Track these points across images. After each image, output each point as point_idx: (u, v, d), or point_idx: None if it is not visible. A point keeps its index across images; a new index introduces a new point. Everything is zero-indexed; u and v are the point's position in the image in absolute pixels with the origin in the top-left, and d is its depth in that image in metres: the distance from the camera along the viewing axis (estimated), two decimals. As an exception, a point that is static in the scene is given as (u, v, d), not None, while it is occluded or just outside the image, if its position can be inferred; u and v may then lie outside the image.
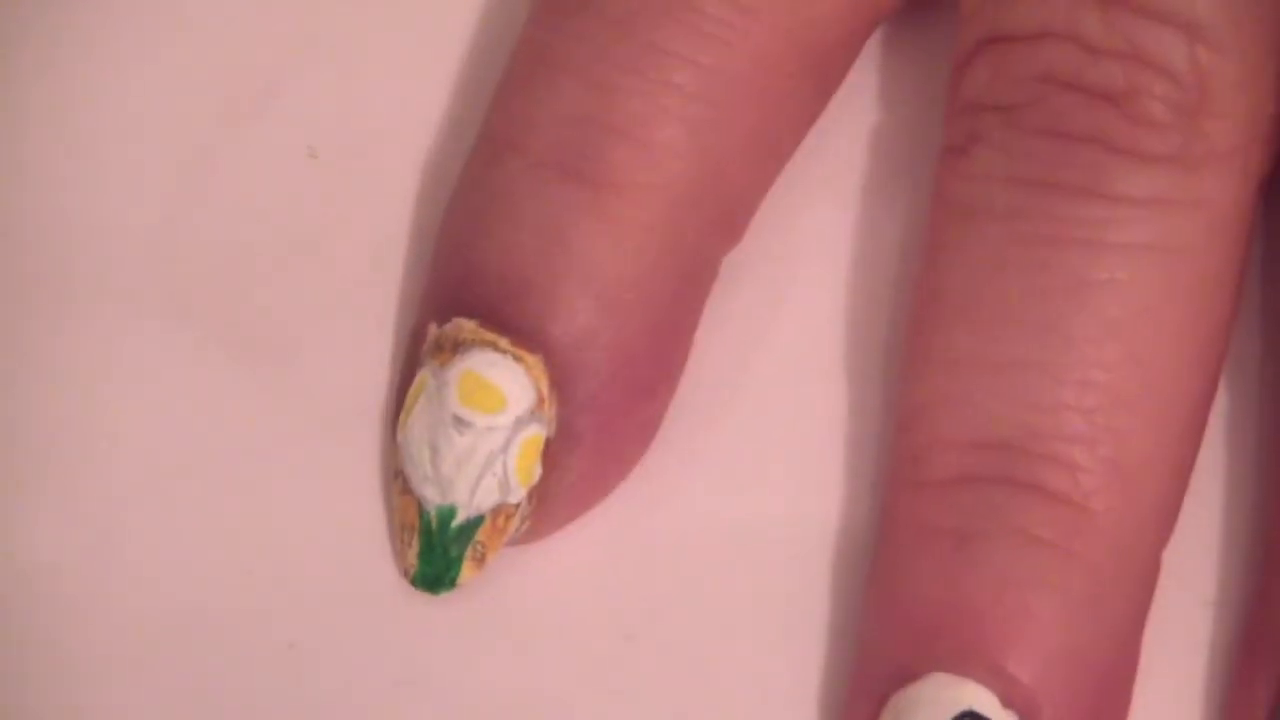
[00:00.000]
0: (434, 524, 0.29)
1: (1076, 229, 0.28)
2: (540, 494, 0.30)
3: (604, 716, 0.30)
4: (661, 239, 0.30)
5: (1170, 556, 0.30)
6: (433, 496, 0.29)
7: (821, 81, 0.31)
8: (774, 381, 0.32)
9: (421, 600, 0.30)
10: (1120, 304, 0.28)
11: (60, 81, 0.33)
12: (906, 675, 0.28)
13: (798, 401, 0.32)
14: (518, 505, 0.29)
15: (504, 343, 0.29)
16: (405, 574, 0.30)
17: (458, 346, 0.29)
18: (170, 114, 0.33)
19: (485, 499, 0.29)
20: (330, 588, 0.31)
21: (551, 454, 0.29)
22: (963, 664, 0.28)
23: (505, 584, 0.30)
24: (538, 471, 0.29)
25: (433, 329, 0.30)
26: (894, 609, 0.29)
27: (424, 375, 0.30)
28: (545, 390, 0.29)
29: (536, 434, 0.29)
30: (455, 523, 0.29)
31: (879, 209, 0.32)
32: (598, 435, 0.30)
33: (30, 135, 0.33)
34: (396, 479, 0.30)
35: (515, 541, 0.30)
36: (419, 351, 0.30)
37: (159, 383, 0.32)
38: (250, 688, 0.31)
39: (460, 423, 0.29)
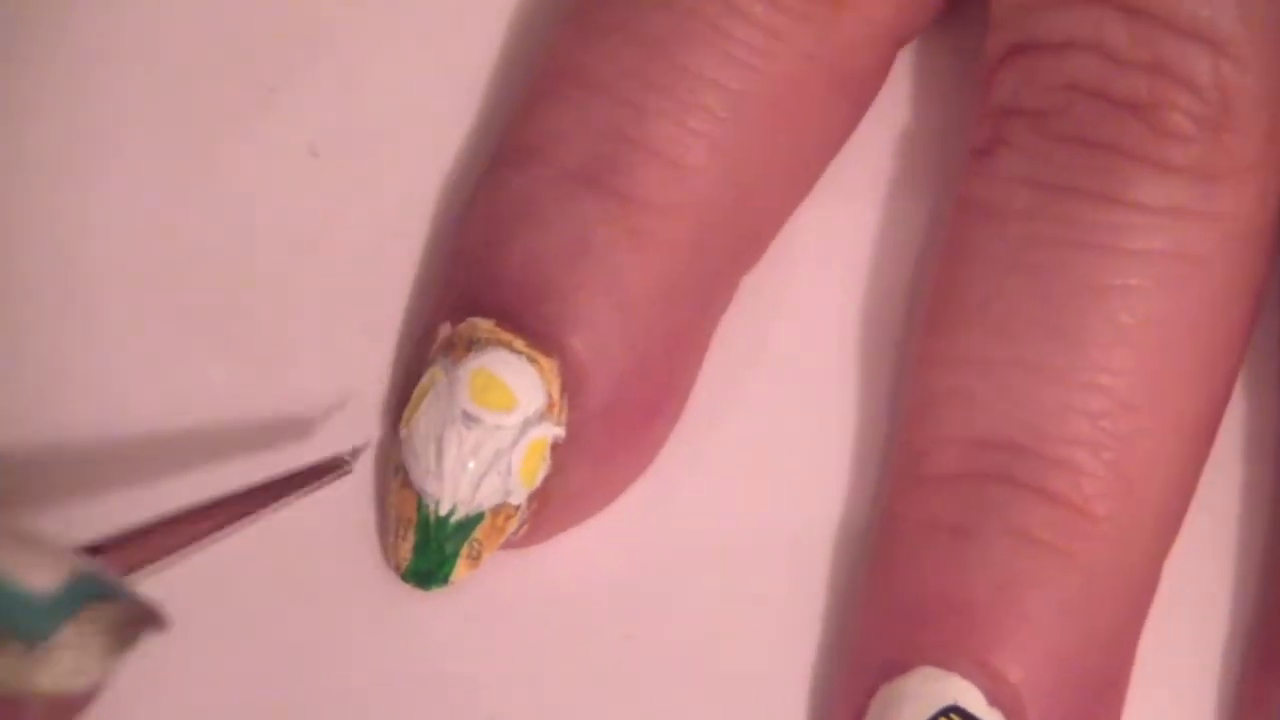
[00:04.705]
0: (432, 518, 0.29)
1: (1093, 233, 0.28)
2: (541, 498, 0.30)
3: (604, 716, 0.30)
4: (685, 258, 0.30)
5: (1176, 564, 0.30)
6: (434, 491, 0.29)
7: (852, 104, 0.31)
8: (775, 382, 0.32)
9: (421, 599, 0.30)
10: (1132, 310, 0.28)
11: (60, 81, 0.33)
12: (894, 668, 0.28)
13: (799, 402, 0.32)
14: (518, 506, 0.29)
15: (519, 343, 0.29)
16: (396, 568, 0.30)
17: (471, 344, 0.29)
18: (170, 113, 0.33)
19: (487, 497, 0.29)
20: (330, 587, 0.31)
21: (557, 459, 0.29)
22: (950, 658, 0.28)
23: (505, 583, 0.31)
24: (541, 475, 0.29)
25: (445, 327, 0.30)
26: (887, 601, 0.29)
27: (435, 371, 0.30)
28: (556, 394, 0.29)
29: (543, 437, 0.29)
30: (454, 519, 0.29)
31: (888, 211, 0.33)
32: (605, 445, 0.30)
33: (31, 134, 0.33)
34: (397, 473, 0.30)
35: (510, 545, 0.30)
36: (427, 349, 0.30)
37: (158, 380, 0.32)
38: (251, 687, 0.30)
39: (469, 418, 0.29)
